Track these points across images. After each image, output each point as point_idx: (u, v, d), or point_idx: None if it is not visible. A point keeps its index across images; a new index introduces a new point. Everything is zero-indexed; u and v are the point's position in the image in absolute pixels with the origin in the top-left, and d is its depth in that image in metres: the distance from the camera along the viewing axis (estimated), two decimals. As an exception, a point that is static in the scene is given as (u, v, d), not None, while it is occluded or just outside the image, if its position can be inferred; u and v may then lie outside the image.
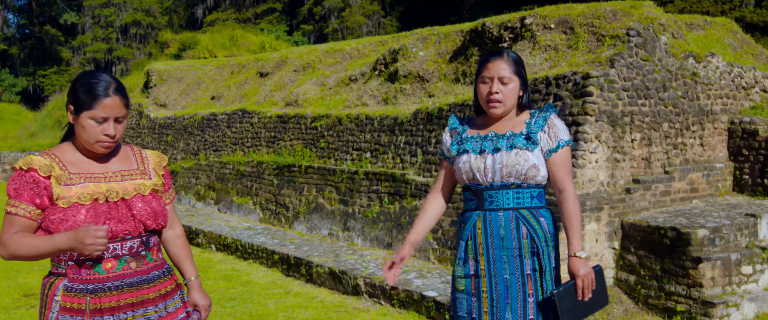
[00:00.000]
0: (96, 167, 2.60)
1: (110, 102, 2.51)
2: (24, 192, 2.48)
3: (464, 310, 3.05)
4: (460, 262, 3.08)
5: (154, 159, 2.79)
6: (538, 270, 3.00)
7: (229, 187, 11.57)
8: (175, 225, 2.86)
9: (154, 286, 2.60)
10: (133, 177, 2.65)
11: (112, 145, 2.57)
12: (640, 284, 6.45)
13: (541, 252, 2.99)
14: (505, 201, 3.00)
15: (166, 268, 2.71)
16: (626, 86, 6.90)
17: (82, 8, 44.06)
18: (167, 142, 14.92)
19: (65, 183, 2.50)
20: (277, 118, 11.31)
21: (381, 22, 32.57)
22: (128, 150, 2.77)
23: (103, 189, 2.53)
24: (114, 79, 2.58)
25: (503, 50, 3.09)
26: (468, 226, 3.07)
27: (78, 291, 2.48)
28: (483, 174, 3.01)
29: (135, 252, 2.56)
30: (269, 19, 35.93)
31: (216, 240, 9.52)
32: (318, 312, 6.48)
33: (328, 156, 9.82)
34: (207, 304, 2.87)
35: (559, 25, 7.89)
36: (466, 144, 3.10)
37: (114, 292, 2.50)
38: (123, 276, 2.53)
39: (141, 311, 2.55)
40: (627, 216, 6.72)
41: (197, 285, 2.87)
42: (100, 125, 2.52)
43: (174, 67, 17.95)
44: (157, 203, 2.65)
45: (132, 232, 2.55)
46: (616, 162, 6.79)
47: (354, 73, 11.09)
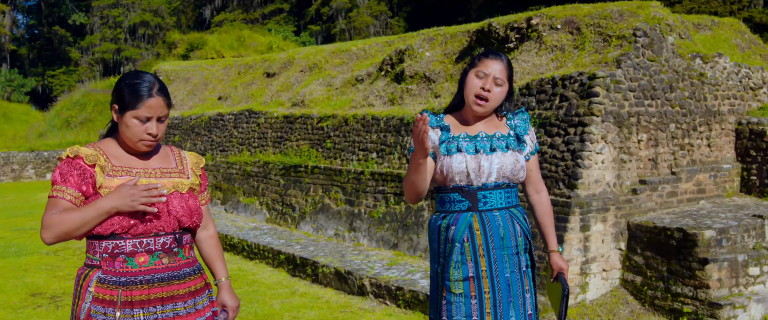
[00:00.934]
0: (137, 163, 2.68)
1: (154, 102, 2.60)
2: (70, 177, 2.56)
3: (462, 314, 3.00)
4: (457, 265, 3.01)
5: (193, 159, 2.87)
6: (530, 266, 3.10)
7: (236, 187, 11.59)
8: (208, 225, 2.93)
9: (184, 283, 2.65)
10: (171, 175, 2.73)
11: (154, 144, 2.66)
12: (646, 285, 6.43)
13: (532, 248, 3.10)
14: (498, 200, 3.03)
15: (197, 267, 2.76)
16: (633, 87, 6.88)
17: (90, 9, 44.29)
18: (174, 143, 14.97)
19: (109, 174, 2.59)
20: (283, 118, 11.33)
21: (388, 22, 32.59)
22: (167, 150, 2.85)
23: (142, 183, 2.59)
24: (157, 79, 2.67)
25: (501, 53, 3.10)
26: (462, 228, 3.01)
27: (111, 283, 2.55)
28: (477, 175, 3.00)
29: (167, 248, 2.62)
30: (277, 19, 36.02)
31: (223, 240, 9.53)
32: (323, 313, 6.48)
33: (334, 156, 9.83)
34: (235, 305, 2.93)
35: (566, 26, 7.87)
36: (457, 143, 3.05)
37: (145, 286, 2.56)
38: (154, 271, 2.59)
39: (170, 306, 2.61)
40: (633, 217, 6.70)
41: (227, 285, 2.94)
42: (144, 124, 2.61)
43: (181, 67, 18.00)
44: (193, 202, 2.72)
45: (166, 228, 2.61)
46: (623, 163, 6.77)
47: (360, 73, 11.10)
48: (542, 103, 7.07)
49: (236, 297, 2.96)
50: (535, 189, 3.21)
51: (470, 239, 3.01)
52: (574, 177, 6.47)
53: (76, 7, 46.41)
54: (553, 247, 3.19)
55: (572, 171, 6.51)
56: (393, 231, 8.12)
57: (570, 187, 6.48)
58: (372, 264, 7.44)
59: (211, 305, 2.80)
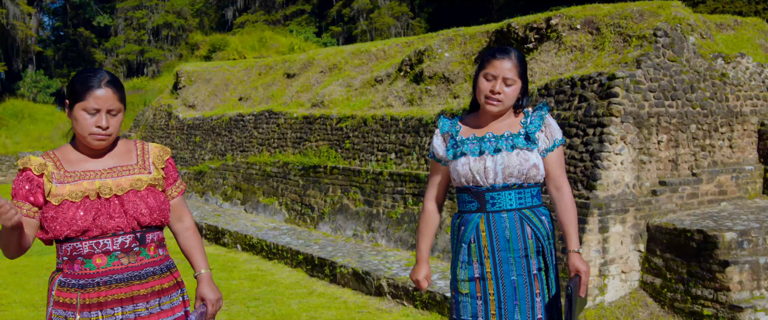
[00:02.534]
0: (93, 164, 2.62)
1: (102, 93, 2.52)
2: (19, 190, 2.54)
3: (469, 313, 3.01)
4: (463, 265, 3.03)
5: (155, 152, 2.78)
6: (543, 269, 3.01)
7: (256, 188, 11.64)
8: (184, 217, 2.85)
9: (146, 283, 2.59)
10: (130, 172, 2.64)
11: (105, 138, 2.57)
12: (666, 287, 6.37)
13: (545, 250, 3.01)
14: (508, 202, 2.98)
15: (166, 265, 2.69)
16: (653, 87, 6.83)
17: (114, 11, 44.69)
18: (195, 143, 15.07)
19: (59, 181, 2.54)
20: (303, 118, 11.36)
21: (410, 23, 32.57)
22: (131, 145, 2.77)
23: (96, 185, 2.55)
24: (109, 74, 2.60)
25: (510, 49, 3.02)
26: (470, 229, 3.02)
27: (70, 286, 2.52)
28: (483, 176, 2.97)
29: (127, 248, 2.56)
30: (298, 20, 36.13)
31: (242, 240, 9.58)
32: (341, 313, 6.49)
33: (353, 157, 9.84)
34: (215, 298, 2.82)
35: (585, 26, 7.83)
36: (462, 146, 3.05)
37: (102, 288, 2.51)
38: (112, 272, 2.53)
39: (130, 307, 2.55)
40: (653, 219, 6.64)
41: (207, 277, 2.84)
42: (93, 117, 2.53)
43: (203, 68, 18.12)
44: (154, 198, 2.64)
45: (124, 228, 2.55)
46: (642, 164, 6.71)
47: (380, 74, 11.11)
48: (561, 103, 7.03)
49: (217, 290, 2.86)
50: (555, 186, 3.09)
51: (476, 240, 3.00)
52: (593, 178, 6.42)
53: (100, 9, 46.88)
54: (571, 247, 3.03)
55: (591, 172, 6.46)
56: (411, 232, 8.11)
57: (589, 188, 6.44)
58: (390, 265, 7.44)
59: (184, 304, 2.73)
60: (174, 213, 2.81)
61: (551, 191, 3.11)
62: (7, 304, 6.73)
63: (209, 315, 2.80)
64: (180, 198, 2.84)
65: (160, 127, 17.16)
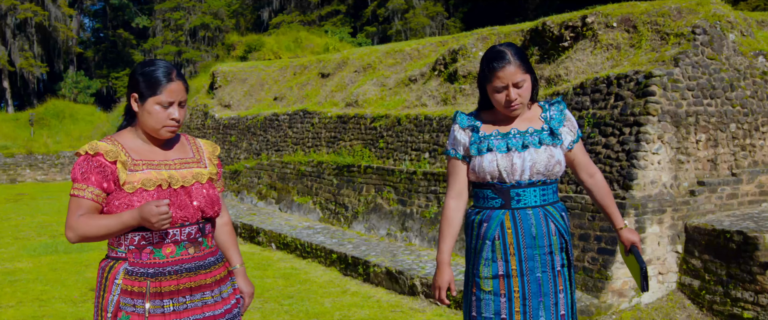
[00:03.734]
0: (157, 154, 2.67)
1: (174, 86, 2.60)
2: (91, 175, 2.55)
3: (491, 311, 2.97)
4: (487, 263, 2.98)
5: (208, 148, 2.86)
6: (566, 265, 3.02)
7: (290, 187, 11.71)
8: (223, 213, 2.95)
9: (210, 272, 2.68)
10: (190, 165, 2.72)
11: (176, 129, 2.66)
12: (704, 289, 6.26)
13: (568, 246, 3.01)
14: (533, 198, 2.96)
15: (220, 255, 2.79)
16: (691, 86, 6.71)
17: (153, 12, 45.37)
18: (231, 142, 15.21)
19: (130, 169, 2.58)
20: (337, 118, 11.40)
21: (444, 23, 32.49)
22: (183, 138, 2.85)
23: (164, 175, 2.61)
24: (173, 65, 2.67)
25: (505, 52, 2.92)
26: (493, 225, 2.97)
27: (139, 275, 2.56)
28: (510, 173, 2.94)
29: (193, 238, 2.63)
30: (333, 21, 36.27)
31: (276, 239, 9.64)
32: (374, 312, 6.49)
33: (386, 156, 9.84)
34: (250, 292, 2.94)
35: (622, 24, 7.72)
36: (488, 142, 2.99)
37: (173, 277, 2.58)
38: (182, 261, 2.61)
39: (198, 295, 2.63)
40: (691, 219, 6.53)
41: (242, 272, 2.95)
42: (166, 110, 2.61)
43: (238, 68, 18.27)
44: (213, 191, 2.72)
45: (190, 219, 2.62)
46: (680, 164, 6.60)
47: (414, 73, 11.09)
48: (597, 102, 6.95)
49: (251, 284, 2.97)
50: (588, 173, 3.12)
51: (501, 237, 2.96)
52: (629, 177, 6.34)
53: (139, 11, 47.62)
54: (619, 225, 3.13)
55: (627, 172, 6.38)
56: (445, 232, 8.08)
57: (625, 188, 6.35)
58: (423, 264, 7.42)
59: (235, 292, 2.82)
60: None
61: (585, 179, 3.14)
62: (47, 300, 6.85)
63: (244, 307, 2.92)
64: (221, 194, 2.92)
65: (197, 126, 17.35)
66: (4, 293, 7.14)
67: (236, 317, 2.80)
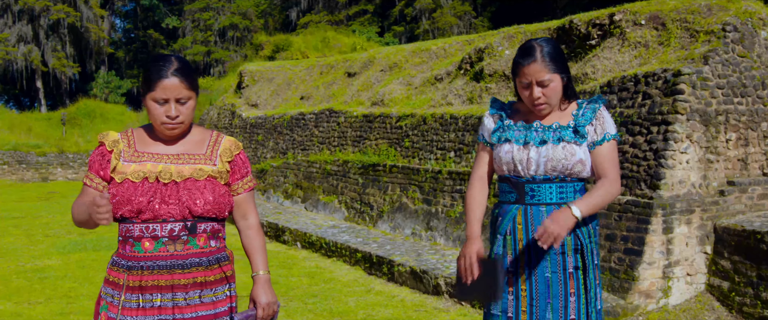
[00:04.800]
0: (162, 148, 2.63)
1: (169, 83, 2.50)
2: (94, 163, 2.61)
3: (499, 308, 2.90)
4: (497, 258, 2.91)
5: (226, 145, 2.73)
6: (580, 268, 2.87)
7: (316, 186, 11.73)
8: (248, 215, 2.78)
9: (188, 273, 2.54)
10: (195, 161, 2.62)
11: (176, 127, 2.56)
12: (734, 291, 6.14)
13: (584, 248, 2.86)
14: (548, 195, 2.86)
15: (215, 258, 2.63)
16: (721, 84, 6.59)
17: (182, 13, 45.74)
18: (258, 141, 15.28)
19: (126, 160, 2.57)
20: (362, 117, 11.39)
21: (472, 22, 32.34)
22: (206, 135, 2.74)
23: (158, 169, 2.55)
24: (180, 60, 2.57)
25: (535, 48, 2.82)
26: (506, 220, 2.91)
27: (119, 266, 2.55)
28: (525, 167, 2.86)
29: (175, 235, 2.53)
30: (361, 20, 36.28)
31: (301, 237, 9.66)
32: (398, 311, 6.47)
33: (412, 155, 9.82)
34: (267, 302, 2.72)
35: (650, 21, 7.61)
36: (508, 132, 2.93)
37: (145, 272, 2.51)
38: (156, 258, 2.52)
39: (169, 295, 2.52)
40: (720, 220, 6.41)
41: (262, 280, 2.75)
42: (162, 107, 2.53)
43: (265, 67, 18.36)
44: (211, 190, 2.59)
45: (174, 215, 2.52)
46: (709, 163, 6.49)
47: (439, 72, 11.05)
48: (624, 101, 6.86)
49: (272, 294, 2.74)
50: (599, 175, 2.88)
51: (513, 232, 2.89)
52: (657, 177, 6.24)
53: (169, 12, 48.07)
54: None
55: (655, 172, 6.28)
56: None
57: (652, 188, 6.26)
58: (448, 264, 7.38)
59: (229, 300, 2.66)
60: (238, 209, 2.76)
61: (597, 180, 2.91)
62: (76, 297, 6.93)
63: (259, 319, 2.71)
64: (247, 194, 2.76)
65: (224, 125, 17.46)
66: (34, 289, 7.23)
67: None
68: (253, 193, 2.84)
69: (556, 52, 2.85)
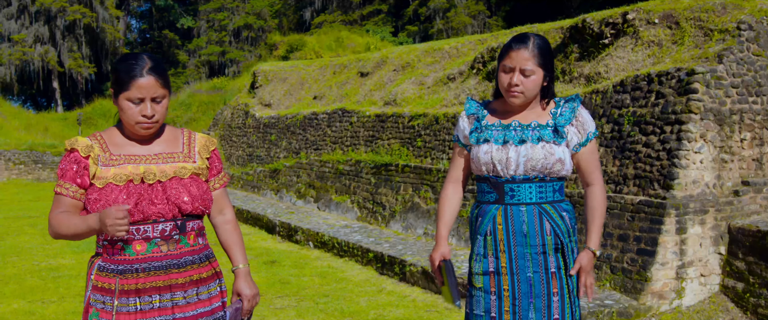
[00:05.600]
0: (139, 149, 2.59)
1: (144, 82, 2.47)
2: (68, 172, 2.52)
3: (482, 308, 2.87)
4: (478, 258, 2.90)
5: (201, 142, 2.74)
6: (562, 268, 2.86)
7: (329, 186, 11.74)
8: (225, 210, 2.81)
9: (184, 271, 2.55)
10: (175, 159, 2.62)
11: (151, 126, 2.54)
12: (748, 292, 6.09)
13: (565, 248, 2.86)
14: (528, 195, 2.84)
15: (205, 255, 2.66)
16: (736, 83, 6.53)
17: (197, 13, 45.96)
18: (271, 141, 15.32)
19: (104, 164, 2.52)
20: (375, 117, 11.39)
21: (486, 22, 32.26)
22: (177, 132, 2.74)
23: (140, 170, 2.53)
24: (152, 59, 2.54)
25: (528, 38, 2.84)
26: (486, 220, 2.89)
27: (109, 271, 2.50)
28: (505, 166, 2.84)
29: (167, 235, 2.52)
30: (375, 20, 36.29)
31: (314, 237, 9.67)
32: (409, 311, 6.46)
33: (424, 155, 9.80)
34: (251, 294, 2.77)
35: (664, 20, 7.55)
36: (486, 132, 2.91)
37: (141, 274, 2.48)
38: (151, 259, 2.50)
39: (168, 295, 2.52)
40: (735, 220, 6.35)
41: (244, 273, 2.79)
42: (137, 106, 2.50)
43: (279, 67, 18.40)
44: (196, 187, 2.60)
45: (165, 215, 2.51)
46: (724, 163, 6.43)
47: (452, 72, 11.03)
48: (637, 100, 6.81)
49: (254, 286, 2.80)
50: (585, 182, 2.97)
51: (493, 233, 2.87)
52: (670, 177, 6.19)
53: (184, 12, 48.31)
54: (589, 244, 2.90)
55: (668, 171, 6.23)
56: (482, 231, 8.01)
57: (665, 188, 6.21)
58: (459, 264, 7.36)
59: (221, 295, 2.69)
60: (215, 205, 2.77)
61: (583, 186, 3.00)
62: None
63: (245, 310, 2.77)
64: (222, 190, 2.80)
65: (238, 125, 17.52)
66: (48, 288, 7.28)
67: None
68: (227, 189, 2.86)
69: (547, 49, 2.87)
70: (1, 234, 11.06)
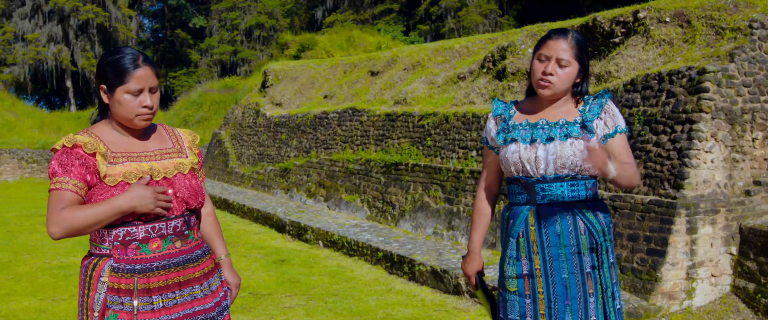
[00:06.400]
0: (135, 146, 2.57)
1: (142, 73, 2.49)
2: (73, 168, 2.43)
3: (516, 313, 2.81)
4: (511, 261, 2.83)
5: (188, 137, 2.77)
6: (597, 267, 2.78)
7: (339, 185, 11.74)
8: (207, 204, 2.86)
9: (198, 265, 2.59)
10: (171, 155, 2.63)
11: (150, 117, 2.56)
12: (760, 292, 6.04)
13: (599, 247, 2.77)
14: (560, 194, 2.76)
15: (207, 247, 2.72)
16: (747, 82, 6.48)
17: (209, 12, 46.09)
18: (281, 140, 15.34)
19: (110, 162, 2.48)
20: (385, 116, 11.38)
21: (498, 21, 32.17)
22: (161, 128, 2.75)
23: (145, 168, 2.52)
24: (140, 51, 2.55)
25: (568, 30, 2.81)
26: (518, 222, 2.82)
27: (126, 272, 2.44)
28: (534, 166, 2.77)
29: (179, 231, 2.54)
30: (386, 19, 36.27)
31: (323, 236, 9.67)
32: (417, 310, 6.45)
33: (434, 154, 9.79)
34: (237, 283, 2.87)
35: (675, 19, 7.51)
36: (514, 132, 2.85)
37: (161, 272, 2.48)
38: (169, 256, 2.51)
39: (188, 290, 2.54)
40: (746, 220, 6.30)
41: (228, 263, 2.88)
42: (137, 98, 2.50)
43: (289, 66, 18.42)
44: (195, 182, 2.64)
45: (175, 212, 2.53)
46: (735, 163, 6.38)
47: (462, 71, 11.00)
48: (647, 99, 6.77)
49: (237, 275, 2.89)
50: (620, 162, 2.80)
51: (525, 234, 2.80)
52: (681, 176, 6.15)
53: (196, 11, 48.47)
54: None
55: (678, 171, 6.19)
56: (491, 231, 7.99)
57: (676, 187, 6.17)
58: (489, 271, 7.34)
59: (223, 284, 2.75)
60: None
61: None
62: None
63: (232, 298, 2.85)
64: (203, 183, 2.81)
65: (248, 124, 17.55)
66: (58, 286, 7.32)
67: (226, 309, 2.73)
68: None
69: (585, 45, 2.84)
70: (14, 232, 11.14)
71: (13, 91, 38.22)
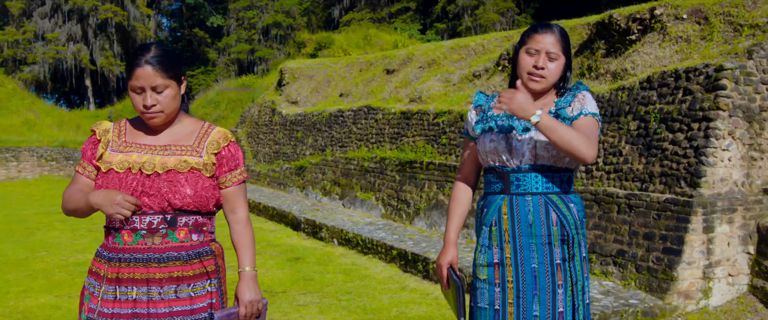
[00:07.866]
0: (149, 139, 2.59)
1: (141, 72, 2.47)
2: (86, 152, 2.61)
3: (486, 301, 2.81)
4: (483, 249, 2.84)
5: (214, 137, 2.65)
6: (568, 260, 2.78)
7: (354, 183, 11.74)
8: (237, 209, 2.69)
9: (164, 267, 2.50)
10: (181, 153, 2.57)
11: (154, 115, 2.52)
12: (778, 293, 5.96)
13: (570, 240, 2.78)
14: (534, 185, 2.77)
15: (196, 252, 2.57)
16: (766, 79, 6.40)
17: (227, 11, 46.27)
18: (297, 138, 15.36)
19: (114, 150, 2.56)
20: (400, 114, 11.37)
21: (515, 19, 32.03)
22: (198, 127, 2.68)
23: (142, 160, 2.52)
24: (159, 47, 2.53)
25: (554, 26, 2.83)
26: (492, 211, 2.82)
27: (102, 258, 2.55)
28: (510, 155, 2.79)
29: (154, 228, 2.49)
30: (403, 18, 36.23)
31: (338, 234, 9.68)
32: (431, 309, 6.43)
33: (449, 152, 9.76)
34: (250, 300, 2.64)
35: (692, 15, 7.43)
36: (491, 122, 2.86)
37: (122, 264, 2.49)
38: (135, 250, 2.49)
39: (144, 289, 2.48)
40: (764, 219, 6.23)
41: (247, 277, 2.66)
42: (140, 95, 2.50)
43: (306, 65, 18.45)
44: (193, 183, 2.54)
45: (153, 207, 2.48)
46: (753, 161, 6.30)
47: (478, 68, 10.96)
48: (664, 96, 6.70)
49: (256, 292, 2.66)
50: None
51: (498, 223, 2.80)
52: (697, 175, 6.09)
53: (214, 10, 48.68)
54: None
55: (695, 169, 6.13)
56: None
57: (692, 186, 6.10)
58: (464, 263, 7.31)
59: (209, 296, 2.59)
60: (227, 203, 2.68)
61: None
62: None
63: (242, 316, 2.64)
64: (236, 188, 2.68)
65: (265, 123, 17.60)
66: (75, 283, 7.37)
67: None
68: (244, 187, 2.74)
69: (567, 38, 2.86)
70: (32, 229, 11.23)
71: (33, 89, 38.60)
